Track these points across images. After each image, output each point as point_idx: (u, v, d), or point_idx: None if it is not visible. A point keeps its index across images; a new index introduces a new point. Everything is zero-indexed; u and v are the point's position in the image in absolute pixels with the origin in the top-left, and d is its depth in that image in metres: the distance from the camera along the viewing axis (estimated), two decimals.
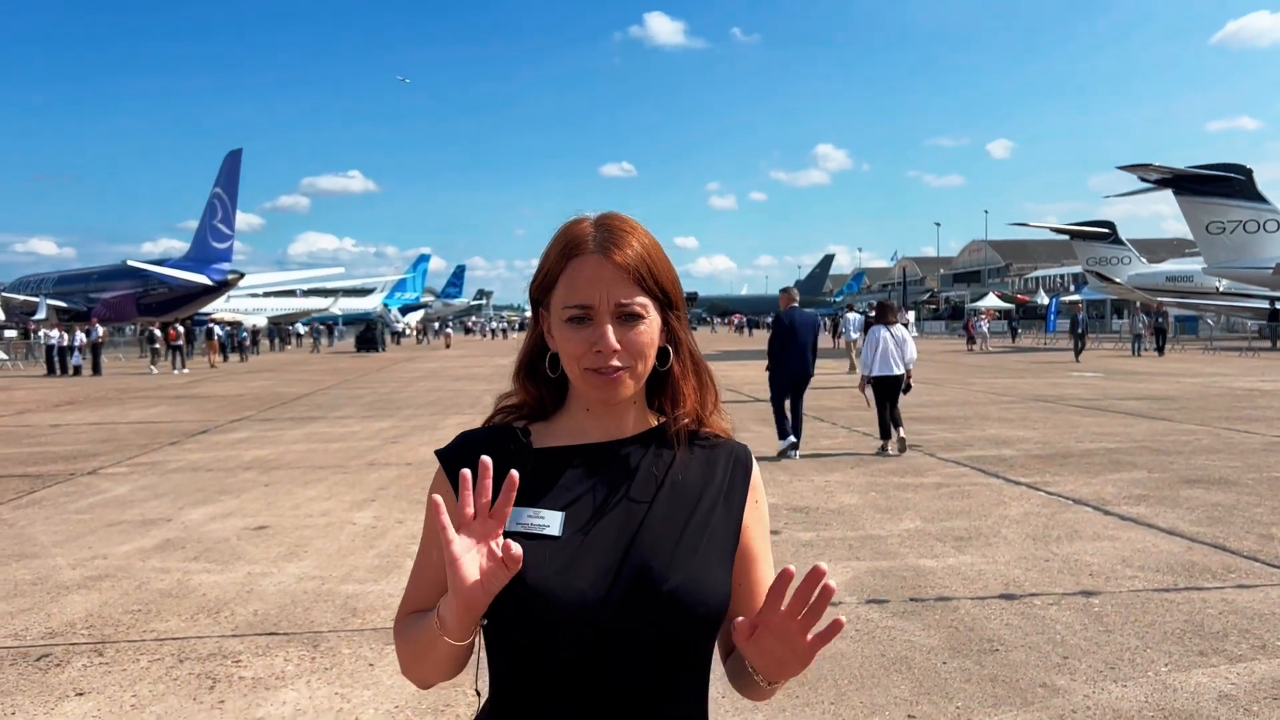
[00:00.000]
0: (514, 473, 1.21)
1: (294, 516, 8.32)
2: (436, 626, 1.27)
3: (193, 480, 10.35)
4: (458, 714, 4.15)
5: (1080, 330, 33.00)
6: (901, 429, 11.43)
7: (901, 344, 11.52)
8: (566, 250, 1.36)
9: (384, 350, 51.34)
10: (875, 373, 11.45)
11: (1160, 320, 36.70)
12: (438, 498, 1.22)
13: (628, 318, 1.33)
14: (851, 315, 29.86)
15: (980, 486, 9.21)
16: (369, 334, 51.69)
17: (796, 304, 11.66)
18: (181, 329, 36.38)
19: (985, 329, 44.93)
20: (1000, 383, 22.30)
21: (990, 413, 15.70)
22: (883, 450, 11.38)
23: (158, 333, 35.58)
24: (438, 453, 1.46)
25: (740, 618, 1.24)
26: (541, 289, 1.40)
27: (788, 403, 11.20)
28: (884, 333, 11.50)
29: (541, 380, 1.45)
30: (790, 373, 11.21)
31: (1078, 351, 32.53)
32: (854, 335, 27.48)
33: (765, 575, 1.45)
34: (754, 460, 1.50)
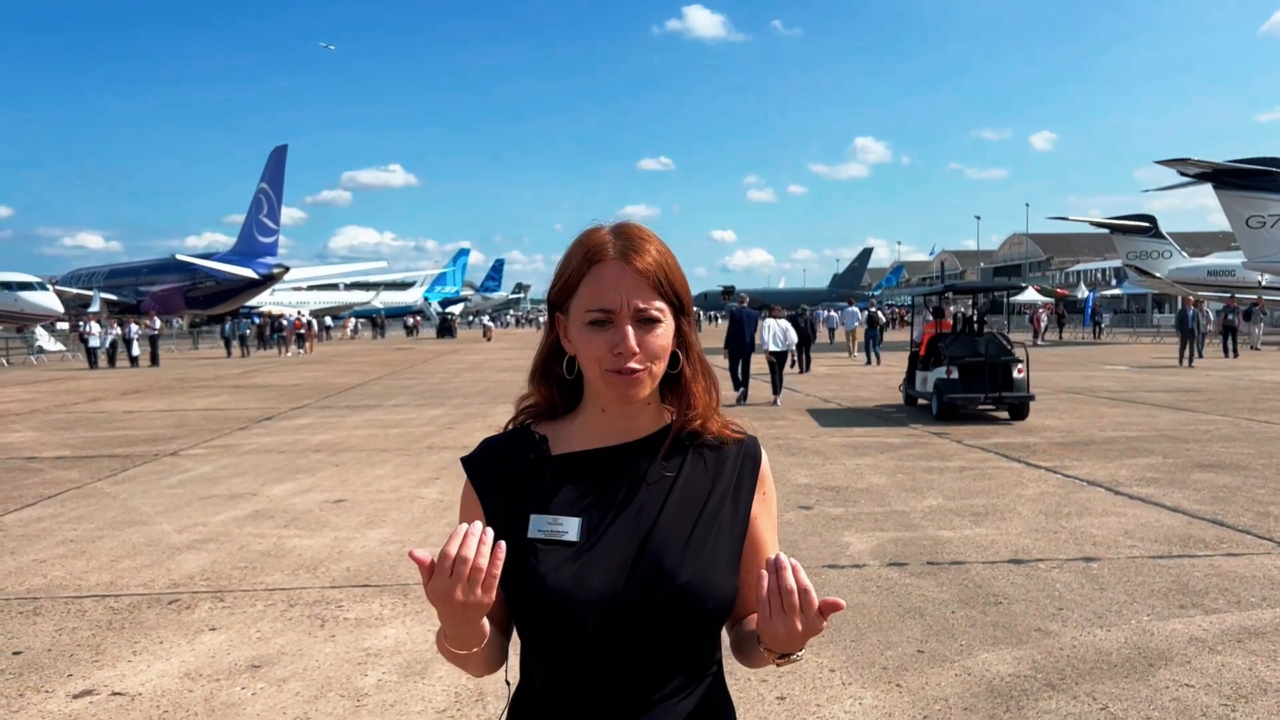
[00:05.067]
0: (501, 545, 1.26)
1: (367, 492, 9.14)
2: (449, 646, 1.37)
3: (268, 461, 11.21)
4: None
5: (1191, 327, 26.32)
6: (782, 392, 17.15)
7: (785, 331, 17.41)
8: (588, 256, 1.43)
9: (455, 336, 63.48)
10: (769, 349, 17.05)
11: (1231, 317, 30.65)
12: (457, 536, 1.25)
13: (646, 321, 1.40)
14: (851, 309, 34.53)
15: (1002, 470, 9.82)
16: (446, 324, 66.65)
17: (746, 304, 18.18)
18: (305, 320, 45.91)
19: (1046, 321, 45.50)
20: (1033, 375, 22.66)
21: None
22: (774, 402, 16.70)
23: (286, 324, 44.94)
24: (463, 460, 1.55)
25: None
26: (562, 293, 1.47)
27: (740, 365, 17.03)
28: (771, 323, 17.46)
29: (555, 382, 1.53)
30: (740, 346, 17.04)
31: (1187, 355, 26.02)
32: (854, 325, 32.44)
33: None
34: (763, 452, 1.57)
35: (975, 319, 16.33)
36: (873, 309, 34.84)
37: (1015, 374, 13.97)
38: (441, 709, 4.19)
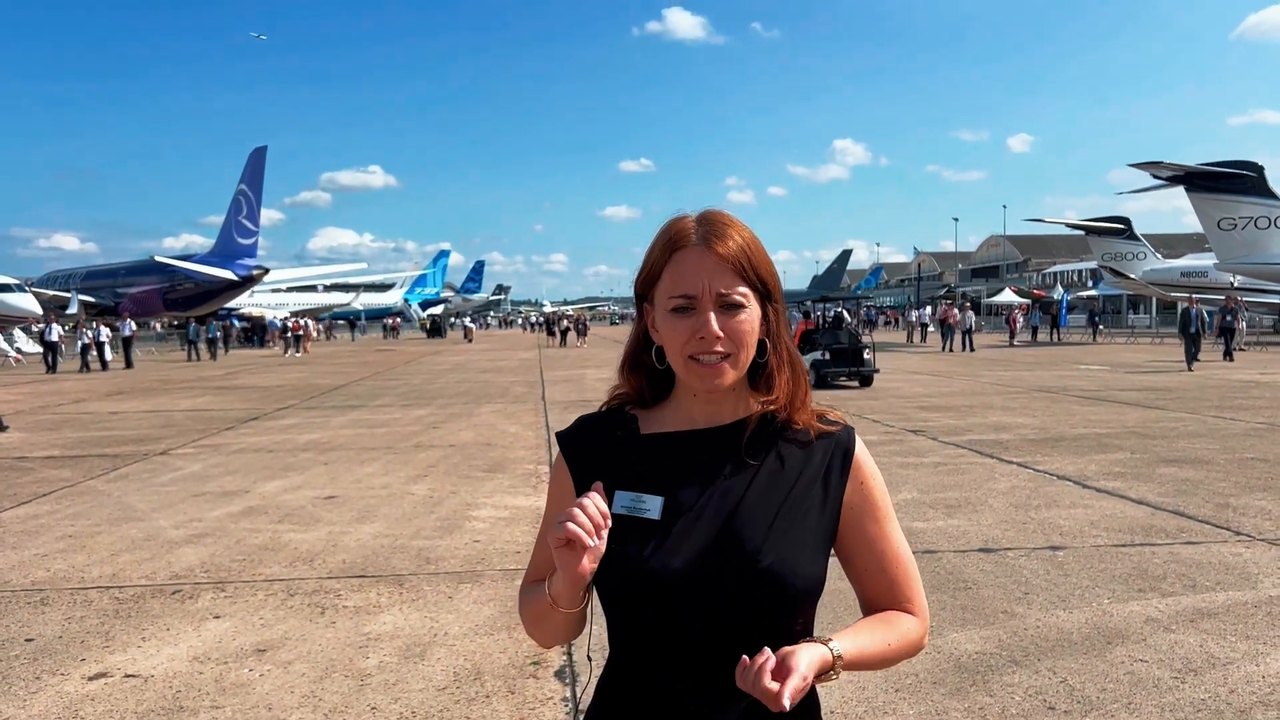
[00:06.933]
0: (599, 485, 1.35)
1: (358, 489, 9.34)
2: (549, 599, 1.39)
3: (257, 459, 11.39)
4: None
5: (1194, 330, 25.44)
6: None
7: None
8: (670, 244, 1.43)
9: (445, 337, 66.20)
10: None
11: (1230, 319, 28.56)
12: (598, 485, 1.34)
13: (729, 307, 1.39)
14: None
15: (975, 465, 10.13)
16: (437, 326, 68.68)
17: None
18: (304, 323, 47.25)
19: (1021, 322, 46.03)
20: (1009, 375, 23.14)
21: (994, 402, 16.59)
22: None
23: (288, 324, 46.62)
24: (558, 435, 1.60)
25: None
26: (646, 283, 1.47)
27: None
28: None
29: (643, 372, 1.53)
30: None
31: (1191, 357, 24.86)
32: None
33: (883, 556, 1.54)
34: (858, 442, 1.52)
35: (837, 319, 23.88)
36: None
37: (866, 355, 20.15)
38: (442, 687, 4.42)
